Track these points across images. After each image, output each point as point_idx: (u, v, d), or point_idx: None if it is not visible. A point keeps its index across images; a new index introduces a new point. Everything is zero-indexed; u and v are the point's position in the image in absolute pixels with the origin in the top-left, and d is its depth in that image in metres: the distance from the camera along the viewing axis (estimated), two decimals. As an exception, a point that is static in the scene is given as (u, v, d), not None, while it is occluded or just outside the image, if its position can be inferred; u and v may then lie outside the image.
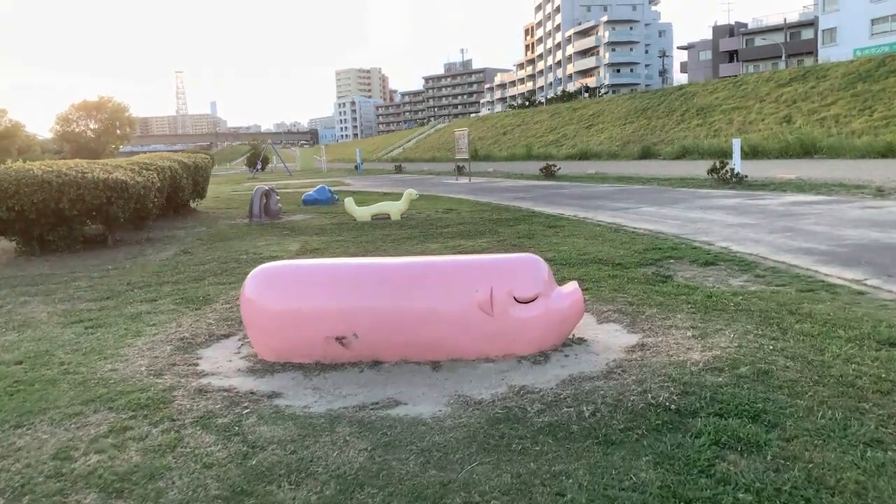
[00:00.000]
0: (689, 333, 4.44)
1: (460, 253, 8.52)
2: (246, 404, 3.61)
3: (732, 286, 5.97)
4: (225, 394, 3.78)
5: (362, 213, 13.91)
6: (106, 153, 68.62)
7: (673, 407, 3.22)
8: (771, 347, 4.05)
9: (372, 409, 3.51)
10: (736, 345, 4.13)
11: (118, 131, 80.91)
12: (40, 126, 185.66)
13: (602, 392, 3.49)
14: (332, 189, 26.74)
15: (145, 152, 25.35)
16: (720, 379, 3.56)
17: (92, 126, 76.02)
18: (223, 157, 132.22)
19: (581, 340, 4.48)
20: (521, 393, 3.60)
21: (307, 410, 3.52)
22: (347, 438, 3.11)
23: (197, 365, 4.37)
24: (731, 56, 72.93)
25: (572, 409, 3.29)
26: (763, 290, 5.68)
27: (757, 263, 7.05)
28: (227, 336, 5.06)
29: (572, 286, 4.38)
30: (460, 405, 3.48)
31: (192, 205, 18.51)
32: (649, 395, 3.37)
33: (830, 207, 11.72)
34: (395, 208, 13.91)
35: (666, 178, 21.12)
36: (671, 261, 7.37)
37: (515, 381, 3.82)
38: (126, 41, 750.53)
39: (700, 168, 21.70)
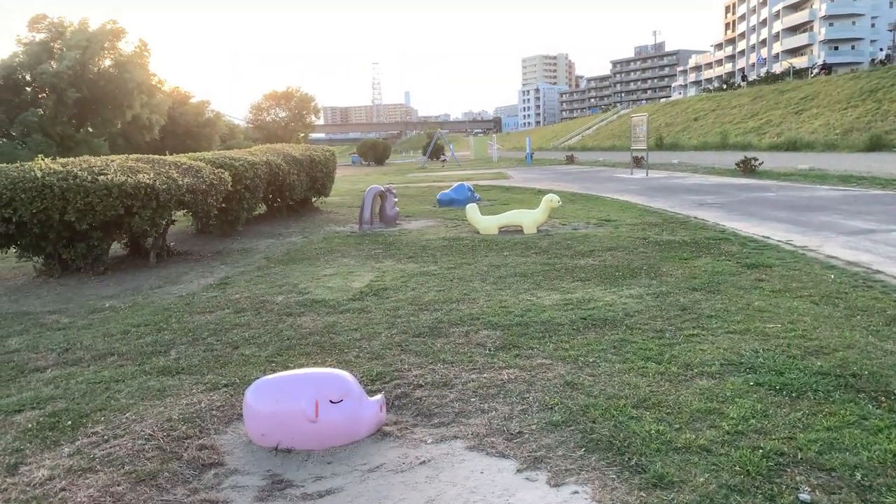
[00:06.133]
0: None
1: (585, 321, 5.04)
2: None
3: None
4: None
5: (487, 224, 10.71)
6: (293, 140, 71.26)
7: None
8: None
9: None
10: None
11: (306, 119, 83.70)
12: (242, 113, 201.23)
13: None
14: (486, 183, 23.85)
15: (340, 140, 24.14)
16: None
17: (281, 115, 79.06)
18: (411, 144, 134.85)
19: None
20: None
21: None
22: None
23: None
24: None
25: None
26: None
27: None
28: None
29: None
30: None
31: (316, 203, 16.33)
32: None
33: None
34: (529, 219, 10.55)
35: (915, 180, 15.68)
36: None
37: None
38: (332, 34, 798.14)
39: (966, 166, 16.01)
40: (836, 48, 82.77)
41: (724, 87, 75.79)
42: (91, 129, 43.99)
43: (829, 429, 3.00)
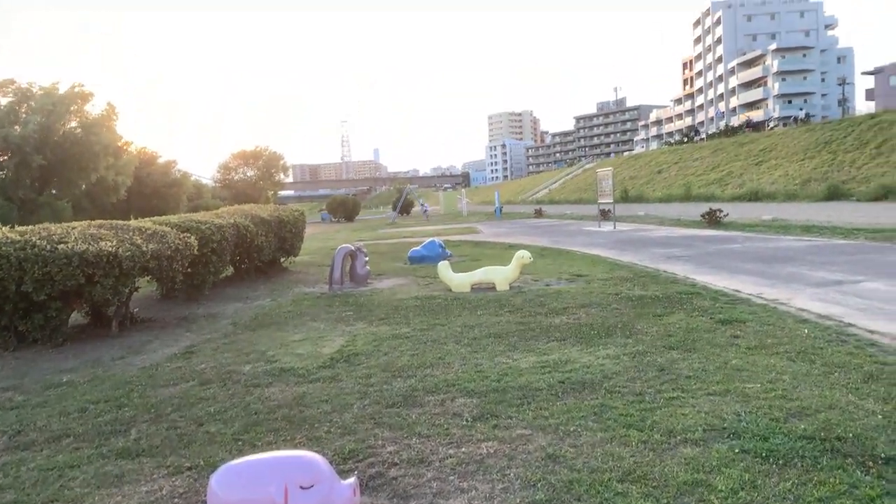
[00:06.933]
0: None
1: (564, 385, 4.92)
2: None
3: None
4: None
5: (460, 281, 10.64)
6: (262, 199, 71.28)
7: None
8: None
9: None
10: None
11: (275, 177, 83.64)
12: (209, 173, 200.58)
13: None
14: (457, 238, 23.87)
15: (309, 196, 24.04)
16: None
17: (249, 173, 78.96)
18: (380, 200, 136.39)
19: None
20: None
21: None
22: None
23: None
24: (932, 78, 62.80)
25: None
26: None
27: None
28: None
29: None
30: None
31: (285, 263, 16.12)
32: None
33: None
34: (501, 276, 10.51)
35: (875, 229, 16.04)
36: None
37: None
38: (301, 93, 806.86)
39: (922, 214, 16.45)
40: (790, 102, 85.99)
41: (685, 140, 77.92)
42: (55, 192, 43.36)
43: (821, 500, 2.91)
